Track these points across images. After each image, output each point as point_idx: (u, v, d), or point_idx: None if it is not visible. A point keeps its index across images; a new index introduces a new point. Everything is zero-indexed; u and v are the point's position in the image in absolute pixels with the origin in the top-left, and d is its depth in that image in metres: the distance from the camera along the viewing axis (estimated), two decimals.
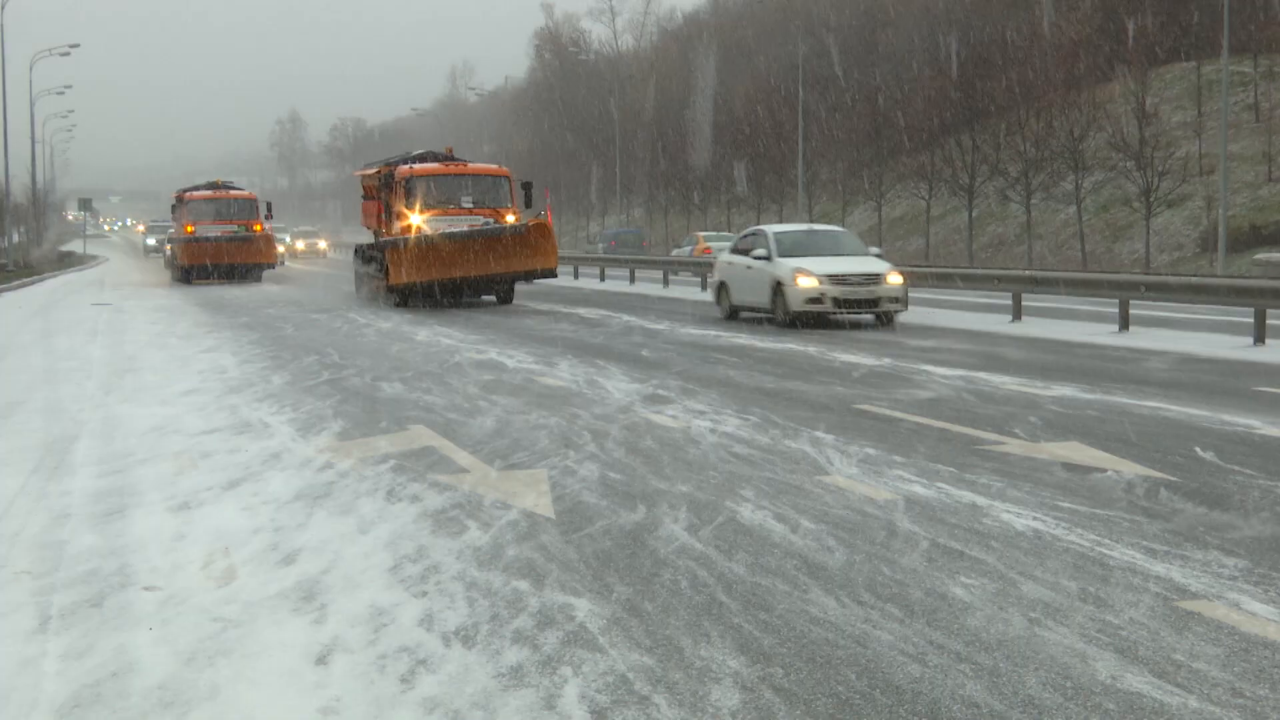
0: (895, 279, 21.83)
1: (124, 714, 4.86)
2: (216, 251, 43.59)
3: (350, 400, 13.16)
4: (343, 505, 8.25)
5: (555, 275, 29.04)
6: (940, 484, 8.54)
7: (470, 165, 31.38)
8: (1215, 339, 19.35)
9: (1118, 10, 59.01)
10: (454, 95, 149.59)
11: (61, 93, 78.32)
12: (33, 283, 47.52)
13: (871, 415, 11.67)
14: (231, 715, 4.84)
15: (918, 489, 8.40)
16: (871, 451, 9.75)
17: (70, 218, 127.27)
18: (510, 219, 29.56)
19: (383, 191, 31.30)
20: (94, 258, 76.12)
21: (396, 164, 31.56)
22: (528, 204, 31.06)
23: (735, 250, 24.44)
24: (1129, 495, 8.19)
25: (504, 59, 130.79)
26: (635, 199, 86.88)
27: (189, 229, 44.13)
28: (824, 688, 4.95)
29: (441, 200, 29.80)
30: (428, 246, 28.06)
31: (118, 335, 22.31)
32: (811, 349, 18.05)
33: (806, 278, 21.58)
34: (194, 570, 6.83)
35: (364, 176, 35.29)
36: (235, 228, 44.42)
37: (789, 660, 5.25)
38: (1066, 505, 7.89)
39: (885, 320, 21.79)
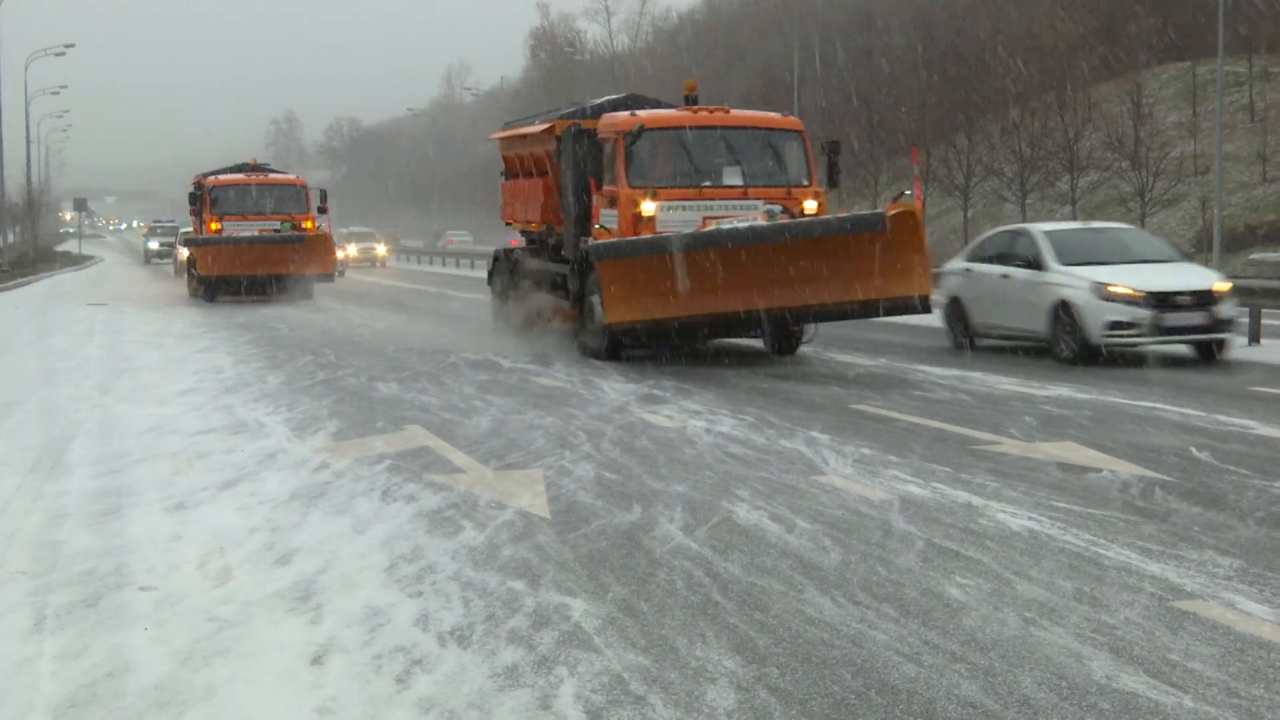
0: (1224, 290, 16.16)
1: (120, 714, 4.85)
2: (253, 257, 30.93)
3: (346, 400, 13.16)
4: (338, 505, 8.25)
5: (928, 307, 15.70)
6: (936, 484, 8.55)
7: (734, 113, 17.65)
8: None
9: (1114, 10, 59.05)
10: (450, 95, 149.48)
11: (57, 93, 78.19)
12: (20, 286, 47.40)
13: (867, 415, 11.68)
14: (228, 715, 4.84)
15: (913, 489, 8.40)
16: (867, 451, 9.76)
17: (67, 218, 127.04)
18: (811, 206, 16.48)
19: (577, 162, 17.49)
20: (89, 258, 76.09)
21: (583, 114, 18.43)
22: (831, 182, 17.49)
23: (979, 258, 18.07)
24: (1124, 495, 8.20)
25: (500, 59, 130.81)
26: None
27: (214, 226, 31.73)
28: (819, 688, 4.96)
29: (690, 174, 16.61)
30: (702, 256, 15.14)
31: (114, 335, 22.29)
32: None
33: (1117, 291, 15.62)
34: (190, 570, 6.83)
35: (510, 140, 21.34)
36: (278, 225, 31.77)
37: (784, 660, 5.25)
38: (1062, 505, 7.90)
39: (1217, 350, 16.21)
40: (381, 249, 60.72)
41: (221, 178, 33.32)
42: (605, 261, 15.37)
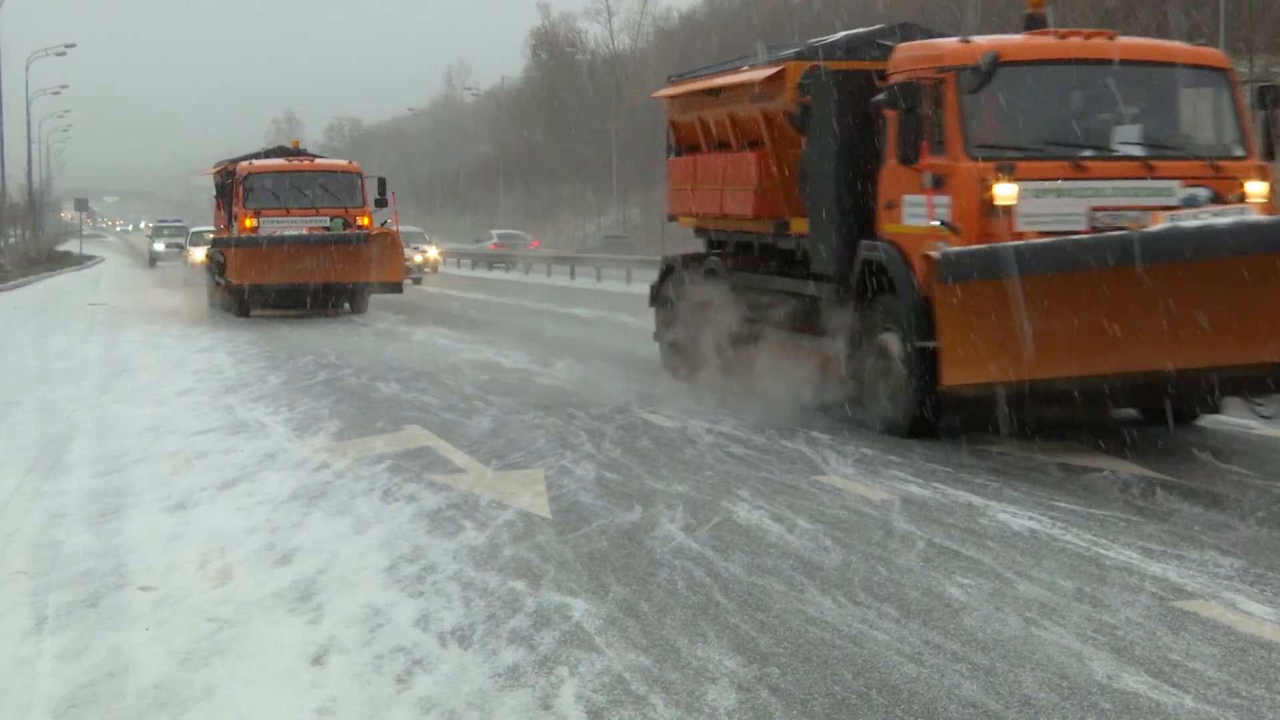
0: None
1: (119, 714, 4.85)
2: (301, 262, 24.26)
3: (346, 400, 13.15)
4: (339, 505, 8.25)
5: None
6: (937, 484, 8.54)
7: (1122, 41, 10.90)
8: None
9: (1114, 10, 59.09)
10: (450, 95, 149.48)
11: (57, 93, 78.20)
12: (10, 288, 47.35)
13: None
14: (227, 715, 4.83)
15: (914, 489, 8.40)
16: (868, 451, 9.75)
17: (66, 217, 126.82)
18: (1256, 189, 10.23)
19: (842, 122, 11.40)
20: (91, 257, 76.09)
21: (818, 54, 12.30)
22: (1269, 151, 10.76)
23: None
24: (1125, 495, 8.19)
25: (500, 59, 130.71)
26: (632, 198, 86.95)
27: (248, 223, 25.33)
28: (820, 688, 4.95)
29: (1064, 137, 10.39)
30: (1139, 276, 8.71)
31: (113, 335, 22.28)
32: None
33: None
34: (190, 570, 6.82)
35: (691, 99, 14.66)
36: (328, 221, 25.28)
37: (785, 660, 5.25)
38: (1063, 505, 7.89)
39: None
40: (434, 251, 49.70)
41: (257, 163, 26.68)
42: (962, 284, 8.93)
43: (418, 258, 40.13)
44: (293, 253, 24.29)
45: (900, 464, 9.23)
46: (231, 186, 26.52)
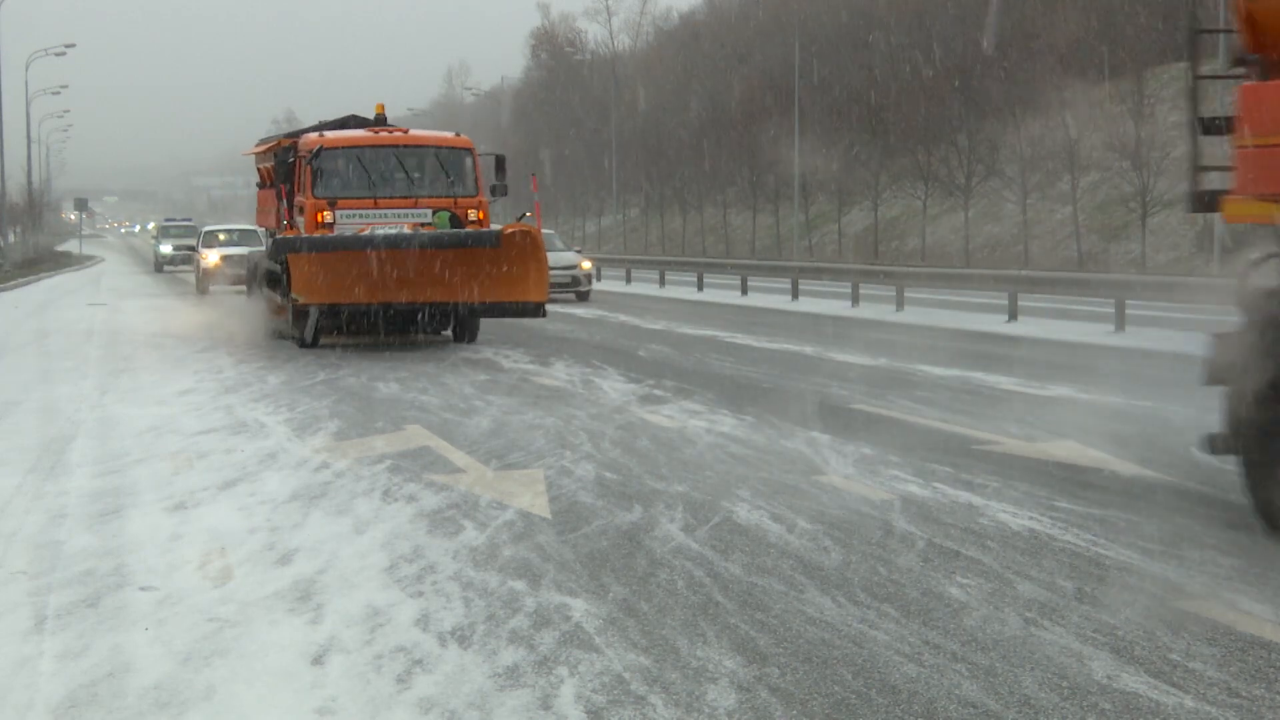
0: None
1: (120, 714, 4.85)
2: (401, 273, 17.32)
3: (346, 400, 13.15)
4: (339, 505, 8.25)
5: None
6: (936, 484, 8.54)
7: None
8: None
9: (1114, 10, 59.09)
10: (450, 95, 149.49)
11: (57, 93, 78.35)
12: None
13: (867, 415, 11.67)
14: (227, 715, 4.84)
15: (914, 489, 8.40)
16: (868, 451, 9.75)
17: (68, 218, 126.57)
18: None
19: None
20: (91, 257, 76.09)
21: None
22: None
23: None
24: (1125, 495, 8.19)
25: (500, 59, 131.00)
26: (631, 198, 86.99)
27: (322, 217, 18.01)
28: (820, 688, 4.96)
29: None
30: None
31: (113, 335, 22.27)
32: (808, 349, 18.06)
33: None
34: (190, 570, 6.83)
35: None
36: (432, 215, 18.13)
37: (785, 660, 5.25)
38: (1063, 505, 7.89)
39: None
40: (587, 261, 34.11)
41: (331, 135, 19.06)
42: None
43: (586, 264, 31.92)
44: (389, 260, 17.17)
45: (900, 464, 9.23)
46: (292, 168, 19.11)
